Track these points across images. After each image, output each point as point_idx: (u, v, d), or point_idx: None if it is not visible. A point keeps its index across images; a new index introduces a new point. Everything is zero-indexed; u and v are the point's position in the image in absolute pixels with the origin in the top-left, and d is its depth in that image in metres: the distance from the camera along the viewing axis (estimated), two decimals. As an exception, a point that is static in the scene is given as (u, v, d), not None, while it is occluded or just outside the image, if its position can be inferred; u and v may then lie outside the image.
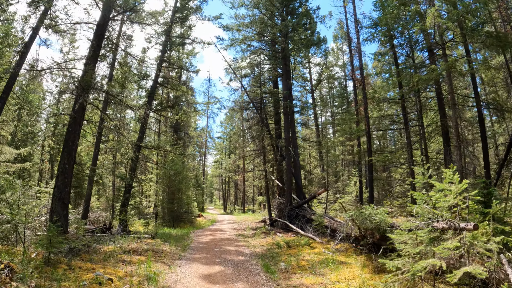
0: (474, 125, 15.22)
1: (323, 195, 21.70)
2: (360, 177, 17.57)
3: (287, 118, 15.42)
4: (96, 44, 10.83)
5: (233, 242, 10.61)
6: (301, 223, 13.05)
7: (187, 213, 22.68)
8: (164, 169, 19.14)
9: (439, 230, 4.91)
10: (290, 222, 13.53)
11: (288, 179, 14.30)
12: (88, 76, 9.11)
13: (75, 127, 9.56)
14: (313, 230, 11.80)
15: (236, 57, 16.88)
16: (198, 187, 36.65)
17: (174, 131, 28.01)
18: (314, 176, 26.53)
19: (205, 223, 22.91)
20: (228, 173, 35.98)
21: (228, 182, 46.65)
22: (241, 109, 18.04)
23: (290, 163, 14.57)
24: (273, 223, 15.84)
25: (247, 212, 34.26)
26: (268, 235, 12.23)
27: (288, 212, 13.92)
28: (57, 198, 9.06)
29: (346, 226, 8.66)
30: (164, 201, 20.62)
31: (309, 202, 14.76)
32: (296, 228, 12.43)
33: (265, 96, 18.19)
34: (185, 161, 27.74)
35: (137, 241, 9.62)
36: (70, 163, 9.34)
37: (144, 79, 17.21)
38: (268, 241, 10.85)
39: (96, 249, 7.63)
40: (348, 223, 8.54)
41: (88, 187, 16.22)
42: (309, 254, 8.29)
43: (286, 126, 15.24)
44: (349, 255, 8.14)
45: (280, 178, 17.75)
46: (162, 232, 13.29)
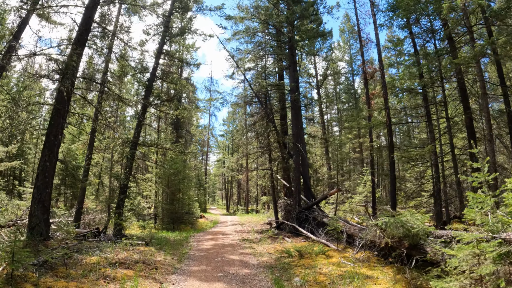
0: (497, 118, 13.96)
1: (332, 196, 20.52)
2: (373, 176, 16.35)
3: (294, 113, 14.24)
4: (84, 28, 9.72)
5: (237, 249, 9.44)
6: (311, 227, 11.88)
7: (188, 214, 21.58)
8: (163, 168, 18.03)
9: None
10: (299, 225, 12.35)
11: (296, 178, 13.13)
12: (69, 60, 7.98)
13: (58, 120, 8.43)
14: (325, 234, 10.61)
15: (239, 47, 15.68)
16: (200, 187, 35.52)
17: (175, 128, 26.88)
18: (320, 176, 25.33)
19: (207, 224, 21.79)
20: (231, 172, 34.84)
21: (231, 182, 45.52)
22: (244, 104, 16.87)
23: (299, 161, 13.38)
24: (279, 225, 14.66)
25: (251, 213, 33.10)
26: (275, 240, 11.06)
27: (296, 214, 12.74)
28: (37, 201, 7.94)
29: (369, 232, 7.47)
30: (164, 202, 19.51)
31: (318, 204, 13.56)
32: (306, 232, 11.25)
33: (270, 91, 17.01)
34: (186, 159, 26.61)
35: (129, 248, 8.49)
36: (51, 160, 8.22)
37: (141, 73, 16.13)
38: (277, 247, 9.67)
39: (77, 260, 6.49)
40: (372, 229, 7.35)
41: (81, 187, 15.14)
42: (326, 265, 7.11)
43: (294, 121, 14.05)
44: (373, 267, 6.95)
45: (287, 177, 16.57)
46: (159, 237, 12.16)
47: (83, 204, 15.59)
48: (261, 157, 18.62)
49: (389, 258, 7.29)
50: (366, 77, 18.29)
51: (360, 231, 9.18)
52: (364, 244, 8.07)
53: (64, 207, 18.21)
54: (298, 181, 13.14)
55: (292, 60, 15.18)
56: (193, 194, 26.40)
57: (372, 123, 11.27)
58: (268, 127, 15.46)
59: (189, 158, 33.81)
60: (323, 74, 30.81)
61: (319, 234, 10.94)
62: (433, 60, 9.48)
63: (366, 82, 18.15)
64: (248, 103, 16.92)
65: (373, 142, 17.13)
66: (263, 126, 15.41)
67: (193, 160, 37.20)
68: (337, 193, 14.49)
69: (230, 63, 17.19)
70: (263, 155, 16.97)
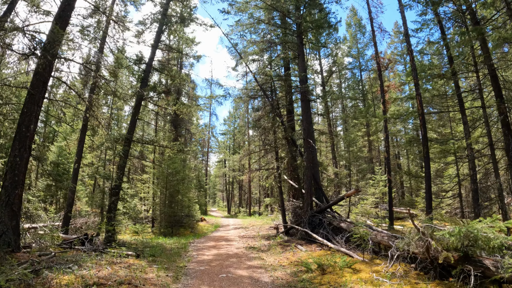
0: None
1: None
2: (389, 175, 14.98)
3: (304, 106, 12.89)
4: (66, 3, 8.39)
5: (244, 261, 8.06)
6: (326, 232, 10.49)
7: (188, 217, 20.20)
8: (161, 168, 16.66)
9: None
10: (313, 230, 10.96)
11: (308, 178, 11.75)
12: (51, 35, 6.63)
13: (31, 108, 7.07)
14: (346, 242, 9.23)
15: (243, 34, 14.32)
16: (200, 189, 34.13)
17: (174, 127, 25.53)
18: (326, 175, 23.93)
19: (207, 228, 20.39)
20: (233, 172, 33.43)
21: (232, 183, 44.12)
22: (248, 98, 15.52)
23: (310, 159, 12.01)
24: (288, 230, 13.28)
25: (253, 215, 31.70)
26: (286, 248, 9.67)
27: (308, 218, 11.35)
28: (4, 204, 6.57)
29: (411, 242, 6.09)
30: (161, 205, 18.13)
31: (331, 207, 12.17)
32: (322, 239, 9.86)
33: (277, 83, 15.67)
34: (185, 159, 25.25)
35: (116, 261, 7.11)
36: (23, 155, 6.85)
37: (137, 64, 14.81)
38: (290, 258, 8.28)
39: (46, 280, 5.12)
40: (414, 238, 5.97)
41: (70, 188, 13.75)
42: (357, 283, 5.73)
43: (304, 115, 12.69)
44: (415, 284, 5.59)
45: (295, 177, 15.20)
46: (154, 244, 10.79)
47: (73, 207, 14.21)
48: (266, 156, 17.26)
49: (432, 271, 5.96)
50: (380, 68, 16.97)
51: (390, 238, 7.80)
52: (400, 256, 6.71)
53: (53, 210, 16.83)
54: (310, 181, 11.77)
55: (300, 49, 13.84)
56: (193, 196, 25.01)
57: (398, 113, 9.89)
58: (275, 122, 14.11)
59: (189, 158, 32.43)
60: (328, 70, 29.51)
61: (336, 242, 9.56)
62: (465, 41, 8.12)
63: (380, 74, 16.83)
64: (252, 97, 15.58)
65: (388, 139, 15.76)
66: (269, 121, 14.05)
67: (193, 160, 35.82)
68: (354, 194, 13.14)
69: (233, 54, 15.86)
70: (269, 153, 15.62)
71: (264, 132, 14.62)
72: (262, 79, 15.68)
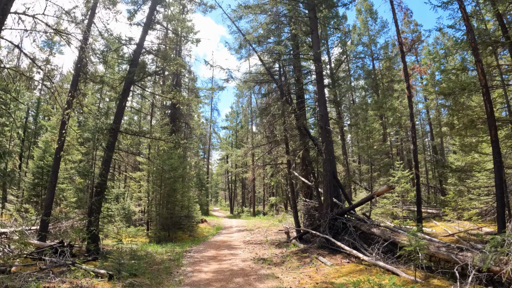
0: None
1: (360, 195, 17.11)
2: (417, 170, 13.00)
3: (320, 88, 10.90)
4: None
5: (254, 282, 6.10)
6: (352, 239, 8.53)
7: (187, 218, 18.30)
8: (154, 164, 14.77)
9: None
10: (335, 236, 9.00)
11: (327, 173, 9.77)
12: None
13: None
14: (383, 253, 7.26)
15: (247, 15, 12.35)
16: (201, 187, 32.26)
17: (172, 121, 23.63)
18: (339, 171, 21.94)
19: (208, 231, 18.50)
20: (236, 169, 31.46)
21: (235, 181, 42.20)
22: (254, 83, 13.53)
23: (329, 151, 10.04)
24: (301, 236, 11.33)
25: (258, 215, 29.76)
26: (305, 261, 7.70)
27: (329, 222, 9.38)
28: None
29: (489, 258, 4.13)
30: (156, 205, 16.23)
31: (354, 208, 10.19)
32: (349, 249, 7.90)
33: (287, 66, 13.71)
34: (184, 155, 23.33)
35: (81, 283, 5.20)
36: None
37: (127, 44, 12.92)
38: (313, 276, 6.32)
39: None
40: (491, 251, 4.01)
41: (49, 187, 11.80)
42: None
43: (321, 99, 10.70)
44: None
45: (308, 173, 13.24)
46: (142, 254, 8.86)
47: (52, 208, 12.30)
48: (273, 150, 15.30)
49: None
50: (403, 49, 14.96)
51: (450, 250, 5.83)
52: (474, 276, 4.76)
53: (34, 212, 14.96)
54: (330, 177, 9.79)
55: (314, 24, 11.84)
56: (193, 195, 23.13)
57: (449, 87, 7.87)
58: (286, 109, 12.14)
59: (190, 155, 30.54)
60: (337, 59, 27.47)
61: (369, 252, 7.60)
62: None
63: (403, 55, 14.80)
64: (258, 82, 13.60)
65: (414, 128, 13.77)
66: (278, 108, 12.09)
67: (193, 157, 33.93)
68: (386, 192, 11.21)
69: (235, 35, 13.88)
70: (279, 145, 13.66)
71: (272, 121, 12.66)
72: (269, 62, 13.74)
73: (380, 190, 8.92)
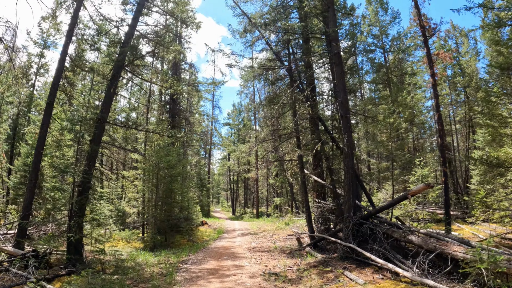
0: None
1: (380, 194, 15.56)
2: (444, 167, 11.48)
3: (340, 71, 9.39)
4: None
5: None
6: (383, 249, 7.02)
7: (187, 221, 16.82)
8: (149, 160, 13.30)
9: None
10: (360, 245, 7.49)
11: (348, 170, 8.26)
12: None
13: None
14: (417, 264, 5.74)
15: None
16: (202, 188, 30.78)
17: (171, 116, 22.20)
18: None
19: (209, 234, 16.99)
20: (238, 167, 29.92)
21: (237, 181, 40.70)
22: (262, 70, 12.03)
23: (350, 144, 8.53)
24: (316, 242, 9.81)
25: (261, 217, 28.21)
26: (328, 277, 6.19)
27: (352, 227, 7.87)
28: None
29: None
30: (151, 207, 14.75)
31: (381, 211, 8.66)
32: (381, 261, 6.38)
33: (295, 49, 12.23)
34: (183, 152, 21.87)
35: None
36: None
37: (118, 26, 11.51)
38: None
39: None
40: None
41: (28, 186, 10.33)
42: None
43: (340, 84, 9.19)
44: None
45: (320, 171, 11.73)
46: (129, 266, 7.39)
47: (30, 211, 10.82)
48: (281, 146, 13.80)
49: None
50: (425, 33, 13.46)
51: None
52: None
53: (16, 214, 13.54)
54: (352, 175, 8.27)
55: (330, 0, 10.35)
56: (194, 195, 21.65)
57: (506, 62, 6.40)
58: (297, 98, 10.64)
59: (189, 154, 29.06)
60: (345, 52, 25.93)
61: (408, 266, 6.08)
62: None
63: (425, 40, 13.31)
64: (265, 68, 12.10)
65: (441, 121, 12.26)
66: (288, 96, 10.58)
67: (194, 156, 32.47)
68: (423, 191, 9.69)
69: (239, 18, 12.40)
70: (287, 140, 12.16)
71: (281, 112, 11.16)
72: (277, 46, 12.27)
73: (416, 189, 7.39)
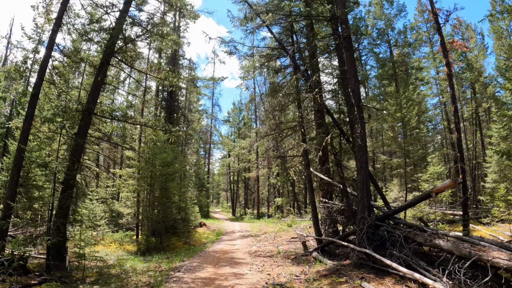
0: None
1: (394, 192, 14.62)
2: (462, 163, 10.61)
3: (349, 56, 8.46)
4: None
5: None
6: (404, 254, 6.09)
7: (184, 222, 15.93)
8: (143, 158, 12.37)
9: None
10: (377, 250, 6.56)
11: (362, 166, 7.33)
12: None
13: None
14: (447, 273, 4.82)
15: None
16: (201, 188, 29.83)
17: (169, 113, 21.29)
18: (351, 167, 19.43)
19: (207, 236, 16.05)
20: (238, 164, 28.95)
21: (237, 182, 39.77)
22: (265, 59, 11.10)
23: (363, 136, 7.60)
24: (324, 247, 8.88)
25: (262, 218, 27.25)
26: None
27: (366, 230, 6.93)
28: None
29: None
30: (146, 207, 13.83)
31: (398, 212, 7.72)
32: (406, 270, 5.44)
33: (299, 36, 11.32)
34: (180, 151, 20.97)
35: None
36: None
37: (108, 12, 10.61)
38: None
39: None
40: None
41: (9, 184, 9.40)
42: None
43: (351, 69, 8.26)
44: None
45: (326, 169, 10.81)
46: (113, 274, 6.46)
47: (11, 211, 9.90)
48: (283, 143, 12.88)
49: None
50: (438, 20, 12.57)
51: None
52: None
53: (0, 215, 12.57)
54: (366, 172, 7.34)
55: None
56: (192, 196, 20.71)
57: None
58: (301, 90, 9.72)
59: (189, 153, 28.15)
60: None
61: (435, 275, 5.15)
62: None
63: (439, 27, 12.45)
64: (268, 57, 11.18)
65: (457, 112, 11.36)
66: (292, 85, 9.66)
67: (193, 155, 31.54)
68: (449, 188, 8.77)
69: (239, 7, 11.48)
70: (290, 135, 11.23)
71: (284, 103, 10.24)
72: (280, 35, 11.37)
73: (441, 185, 6.46)
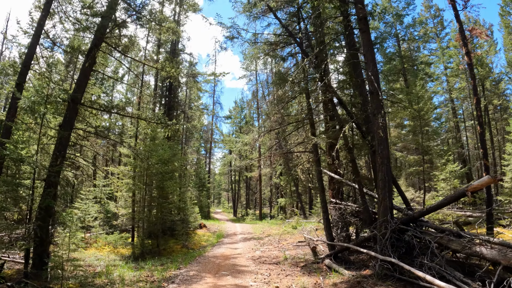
0: None
1: (413, 192, 13.64)
2: (485, 160, 9.69)
3: (367, 40, 7.54)
4: None
5: None
6: (436, 263, 5.16)
7: (183, 223, 15.01)
8: (138, 155, 11.49)
9: None
10: (401, 258, 5.63)
11: (383, 162, 6.40)
12: None
13: None
14: None
15: None
16: (202, 188, 28.94)
17: (168, 109, 20.44)
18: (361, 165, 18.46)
19: (207, 239, 15.12)
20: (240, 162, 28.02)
21: (239, 181, 38.87)
22: (270, 47, 10.19)
23: (385, 128, 6.67)
24: (337, 253, 7.94)
25: (265, 219, 26.32)
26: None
27: (390, 236, 6.00)
28: None
29: None
30: (141, 207, 12.91)
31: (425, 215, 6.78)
32: (440, 283, 4.50)
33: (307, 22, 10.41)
34: (180, 149, 20.05)
35: None
36: None
37: None
38: None
39: None
40: None
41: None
42: None
43: (369, 54, 7.34)
44: None
45: (337, 166, 9.88)
46: (99, 285, 5.56)
47: None
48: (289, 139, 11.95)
49: None
50: (456, 6, 11.65)
51: None
52: None
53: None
54: (388, 168, 6.41)
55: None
56: (192, 196, 19.80)
57: None
58: (310, 77, 8.79)
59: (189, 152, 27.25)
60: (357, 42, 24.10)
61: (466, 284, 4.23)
62: None
63: (457, 14, 11.57)
64: (273, 44, 10.26)
65: (479, 104, 10.42)
66: (300, 72, 8.75)
67: (193, 153, 30.63)
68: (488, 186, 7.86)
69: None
70: (298, 128, 10.31)
71: (290, 95, 9.31)
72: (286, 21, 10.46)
73: (477, 183, 5.52)
